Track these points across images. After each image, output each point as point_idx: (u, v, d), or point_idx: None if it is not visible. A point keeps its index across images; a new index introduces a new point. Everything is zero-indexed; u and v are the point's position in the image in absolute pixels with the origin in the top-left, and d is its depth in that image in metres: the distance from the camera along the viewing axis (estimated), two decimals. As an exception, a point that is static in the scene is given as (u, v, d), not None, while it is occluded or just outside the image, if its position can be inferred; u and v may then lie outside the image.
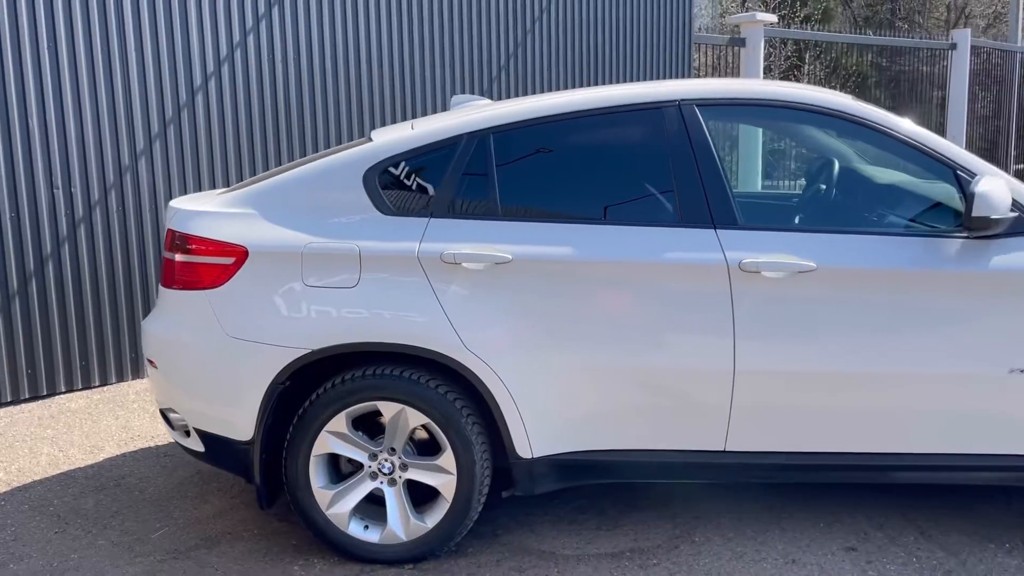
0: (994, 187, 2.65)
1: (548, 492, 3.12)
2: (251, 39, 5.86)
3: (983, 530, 3.13)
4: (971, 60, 14.99)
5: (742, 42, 10.47)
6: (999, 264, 2.77)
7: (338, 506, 3.00)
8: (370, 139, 3.17)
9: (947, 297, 2.81)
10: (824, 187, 3.16)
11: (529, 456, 2.95)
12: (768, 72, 13.64)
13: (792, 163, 8.29)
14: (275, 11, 5.92)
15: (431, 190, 3.00)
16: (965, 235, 2.78)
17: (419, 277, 2.88)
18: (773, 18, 10.79)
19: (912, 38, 14.73)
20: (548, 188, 3.03)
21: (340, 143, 6.10)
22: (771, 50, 13.86)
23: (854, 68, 14.34)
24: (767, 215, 3.02)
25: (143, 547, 3.20)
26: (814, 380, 2.87)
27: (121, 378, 5.25)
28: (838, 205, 3.12)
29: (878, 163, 3.13)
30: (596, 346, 2.89)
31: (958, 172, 2.86)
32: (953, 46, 13.90)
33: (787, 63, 15.25)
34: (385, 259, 2.89)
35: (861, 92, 13.95)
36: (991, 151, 15.69)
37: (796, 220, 3.08)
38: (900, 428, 2.90)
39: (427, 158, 3.03)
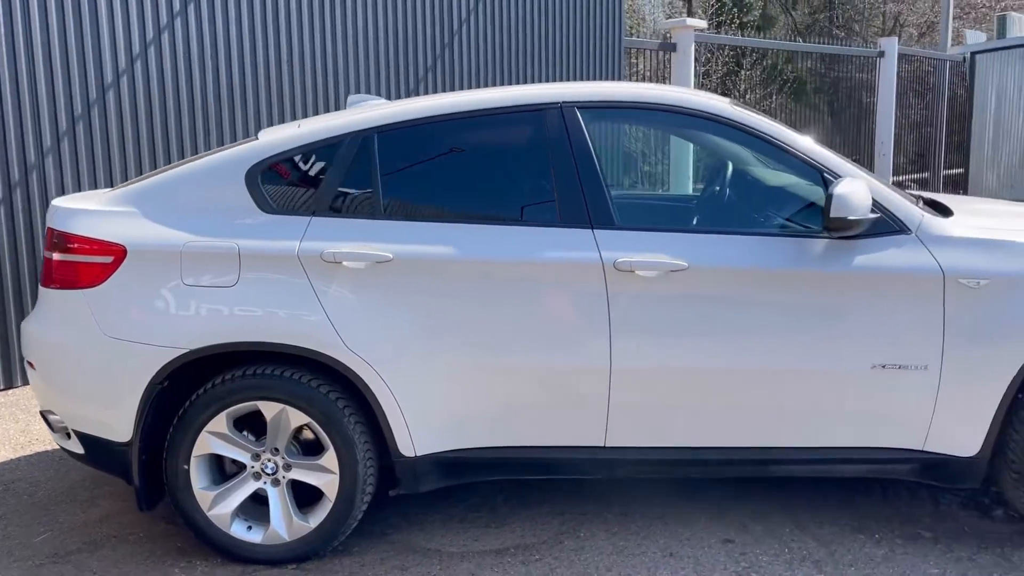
0: (852, 189, 2.75)
1: (442, 490, 3.16)
2: (166, 36, 5.78)
3: (857, 522, 3.23)
4: (904, 68, 15.44)
5: (673, 47, 10.62)
6: (861, 264, 2.87)
7: (220, 507, 2.98)
8: (256, 138, 3.16)
9: (813, 296, 2.90)
10: (702, 188, 3.24)
11: (412, 455, 2.97)
12: (707, 77, 13.84)
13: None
14: (191, 8, 5.85)
15: (314, 189, 3.00)
16: (829, 236, 2.87)
17: (299, 276, 2.88)
18: (703, 24, 10.98)
19: (843, 45, 15.07)
20: (431, 188, 3.06)
21: (258, 143, 6.05)
22: (709, 56, 14.07)
23: (792, 74, 14.64)
24: (645, 216, 3.08)
25: (23, 551, 3.14)
26: (689, 376, 2.94)
27: (27, 381, 5.13)
28: (714, 206, 3.20)
29: (756, 166, 3.21)
30: (476, 345, 2.92)
31: (824, 174, 2.95)
32: (881, 54, 14.26)
33: (724, 68, 15.49)
34: (265, 258, 2.89)
35: (798, 98, 14.27)
36: (924, 157, 16.16)
37: (672, 221, 3.15)
38: (773, 423, 2.98)
39: (311, 157, 3.03)
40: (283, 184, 3.01)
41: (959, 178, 14.63)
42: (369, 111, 3.12)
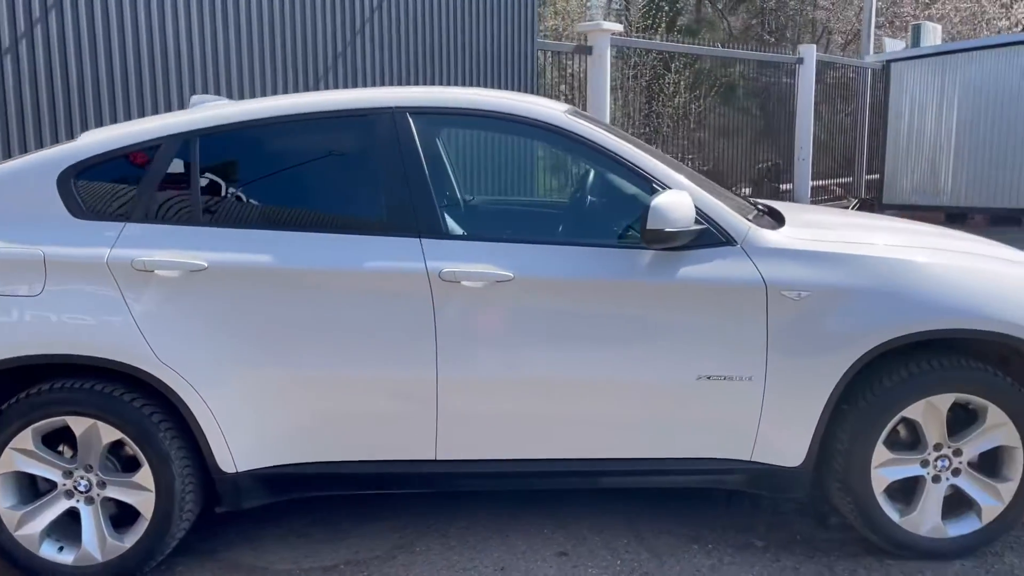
0: (670, 201, 2.73)
1: (286, 504, 3.11)
2: (39, 30, 5.56)
3: (695, 532, 3.23)
4: (830, 75, 15.78)
5: (589, 50, 10.65)
6: (686, 275, 2.86)
7: (28, 527, 2.84)
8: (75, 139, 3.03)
9: (639, 307, 2.88)
10: (538, 198, 3.20)
11: (233, 470, 2.87)
12: (635, 80, 13.87)
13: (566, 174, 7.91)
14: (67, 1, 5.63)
15: (129, 194, 2.88)
16: (652, 247, 2.84)
17: (109, 285, 2.76)
18: (618, 27, 11.03)
19: (763, 52, 15.29)
20: (253, 194, 2.97)
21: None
22: (637, 60, 14.10)
23: (725, 79, 14.84)
24: (476, 225, 3.03)
25: None
26: (517, 388, 2.90)
27: None
28: (547, 216, 3.16)
29: (593, 176, 3.18)
30: (298, 357, 2.83)
31: (654, 185, 2.93)
32: (800, 60, 14.52)
33: (651, 72, 15.59)
34: (72, 265, 2.76)
35: (727, 102, 14.43)
36: (850, 162, 16.54)
37: (503, 231, 3.10)
38: (603, 435, 2.96)
39: (127, 160, 2.91)
40: (98, 188, 2.89)
41: (878, 183, 14.97)
42: (192, 113, 3.01)
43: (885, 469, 2.95)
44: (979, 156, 13.11)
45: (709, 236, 2.90)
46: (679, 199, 2.76)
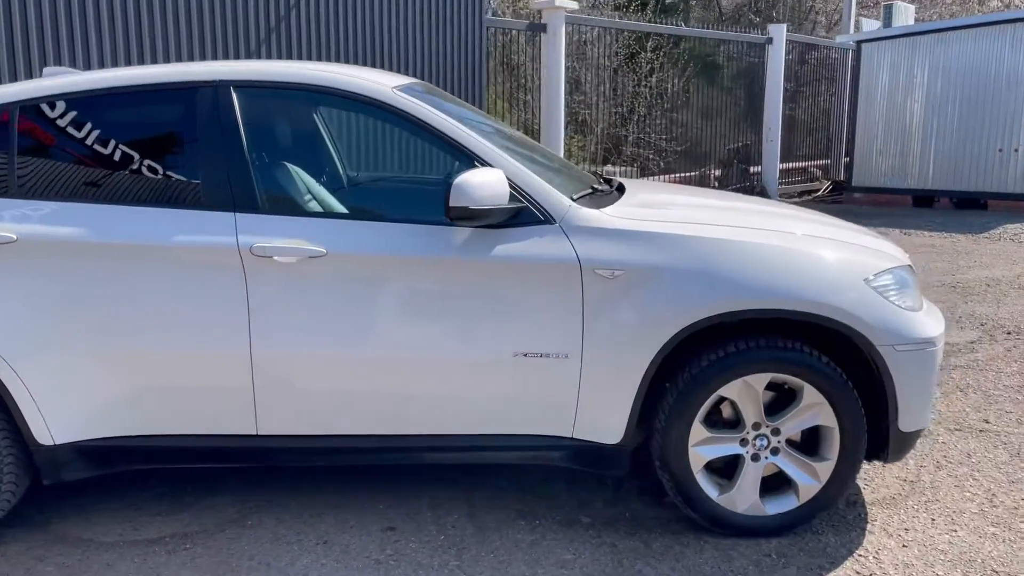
0: (476, 179, 2.72)
1: (134, 477, 3.19)
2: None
3: (528, 508, 3.25)
4: (812, 56, 15.71)
5: (542, 28, 10.56)
6: (502, 253, 2.86)
7: None
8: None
9: (455, 284, 2.89)
10: (356, 174, 3.19)
11: (50, 443, 2.89)
12: (610, 59, 13.74)
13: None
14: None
15: (-54, 168, 2.88)
16: (466, 225, 2.84)
17: (-81, 259, 2.76)
18: (574, 4, 10.93)
19: (731, 31, 15.18)
20: (72, 166, 2.96)
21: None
22: (610, 39, 13.97)
23: (708, 58, 14.78)
24: (295, 201, 3.02)
25: None
26: (333, 364, 2.91)
27: None
28: (370, 192, 3.16)
29: (419, 152, 3.17)
30: (113, 331, 2.85)
31: (475, 162, 2.93)
32: (769, 40, 14.41)
33: (627, 51, 15.47)
34: None
35: (702, 83, 14.35)
36: (829, 144, 16.50)
37: (319, 206, 3.09)
38: (424, 411, 2.97)
39: (-55, 134, 2.90)
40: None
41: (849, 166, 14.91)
42: (16, 85, 3.00)
43: (703, 448, 2.97)
44: (946, 139, 13.06)
45: (528, 214, 2.90)
46: (487, 177, 2.76)
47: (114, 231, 2.83)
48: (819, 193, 15.48)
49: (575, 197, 3.02)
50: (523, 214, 2.89)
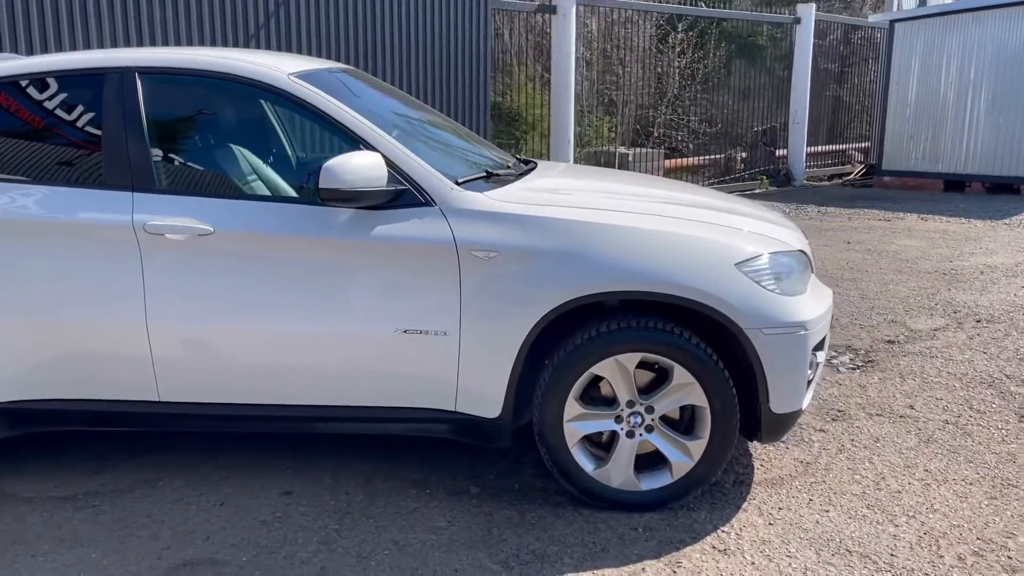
0: (345, 162, 2.85)
1: (79, 437, 3.49)
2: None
3: (425, 478, 3.39)
4: (853, 36, 15.39)
5: (552, 9, 10.58)
6: (382, 233, 2.99)
7: None
8: None
9: (338, 262, 3.03)
10: (248, 154, 3.32)
11: (-32, 404, 3.13)
12: (640, 40, 13.63)
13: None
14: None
15: None
16: (345, 206, 2.97)
17: None
18: (585, -14, 10.89)
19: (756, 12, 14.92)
20: (-11, 148, 3.17)
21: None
22: (639, 19, 13.85)
23: (749, 38, 14.63)
24: (189, 182, 3.18)
25: None
26: (224, 336, 3.09)
27: None
28: (264, 172, 3.29)
29: (316, 135, 3.30)
30: (19, 302, 3.07)
31: (360, 146, 3.05)
32: (797, 20, 14.14)
33: (659, 32, 15.34)
34: None
35: (741, 63, 14.20)
36: (874, 124, 16.12)
37: (214, 186, 3.24)
38: (312, 383, 3.13)
39: None
40: None
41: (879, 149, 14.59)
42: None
43: (577, 423, 3.06)
44: (980, 123, 12.68)
45: (410, 196, 3.02)
46: (361, 161, 2.88)
47: (24, 208, 3.04)
48: (851, 176, 15.17)
49: (461, 180, 3.13)
50: (405, 196, 3.01)
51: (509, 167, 3.62)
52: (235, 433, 3.72)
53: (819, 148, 15.36)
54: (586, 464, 3.09)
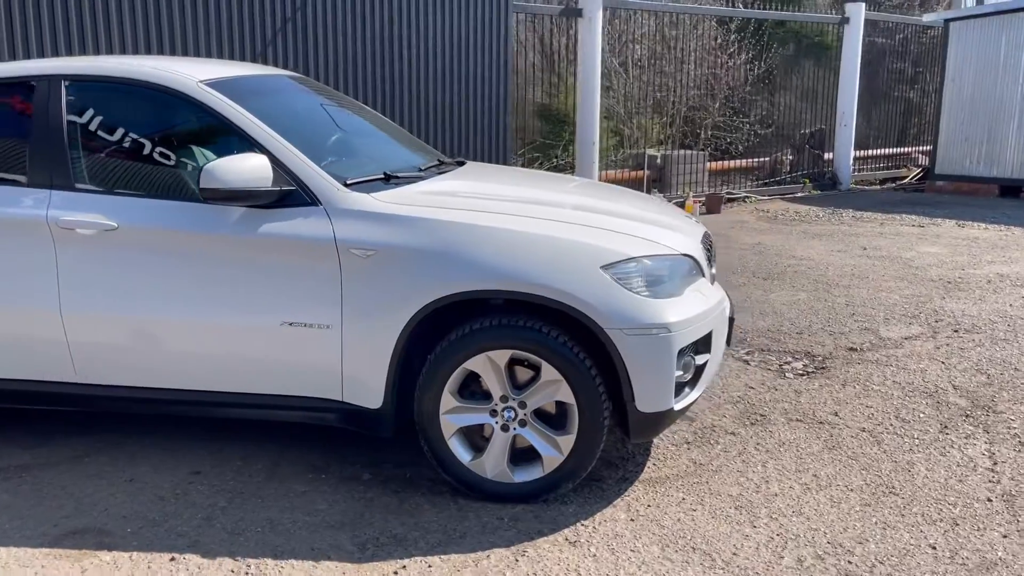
0: (227, 164, 3.05)
1: (29, 416, 3.79)
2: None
3: (327, 463, 3.56)
4: (909, 35, 14.99)
5: (578, 12, 10.62)
6: (269, 231, 3.18)
7: None
8: None
9: (228, 258, 3.23)
10: (158, 155, 3.51)
11: (-98, 384, 3.46)
12: (689, 41, 13.54)
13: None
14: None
15: None
16: (239, 204, 3.17)
17: None
18: (612, -12, 10.89)
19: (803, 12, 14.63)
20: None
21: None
22: (693, 24, 13.76)
23: (816, 39, 14.44)
24: (102, 180, 3.42)
25: None
26: (128, 325, 3.33)
27: None
28: (169, 173, 3.47)
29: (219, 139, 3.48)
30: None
31: (255, 149, 3.25)
32: (845, 20, 13.80)
33: (713, 32, 15.21)
34: None
35: (820, 63, 14.00)
36: (922, 129, 15.66)
37: (123, 185, 3.45)
38: (208, 370, 3.35)
39: None
40: None
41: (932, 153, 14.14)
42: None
43: (453, 416, 3.18)
44: (1039, 126, 12.18)
45: (297, 196, 3.21)
46: (245, 163, 3.08)
47: (-49, 203, 3.36)
48: (906, 180, 14.71)
49: (351, 182, 3.29)
50: (294, 196, 3.20)
51: (420, 169, 3.77)
52: (177, 417, 3.96)
53: (874, 151, 14.97)
54: (463, 455, 3.21)
